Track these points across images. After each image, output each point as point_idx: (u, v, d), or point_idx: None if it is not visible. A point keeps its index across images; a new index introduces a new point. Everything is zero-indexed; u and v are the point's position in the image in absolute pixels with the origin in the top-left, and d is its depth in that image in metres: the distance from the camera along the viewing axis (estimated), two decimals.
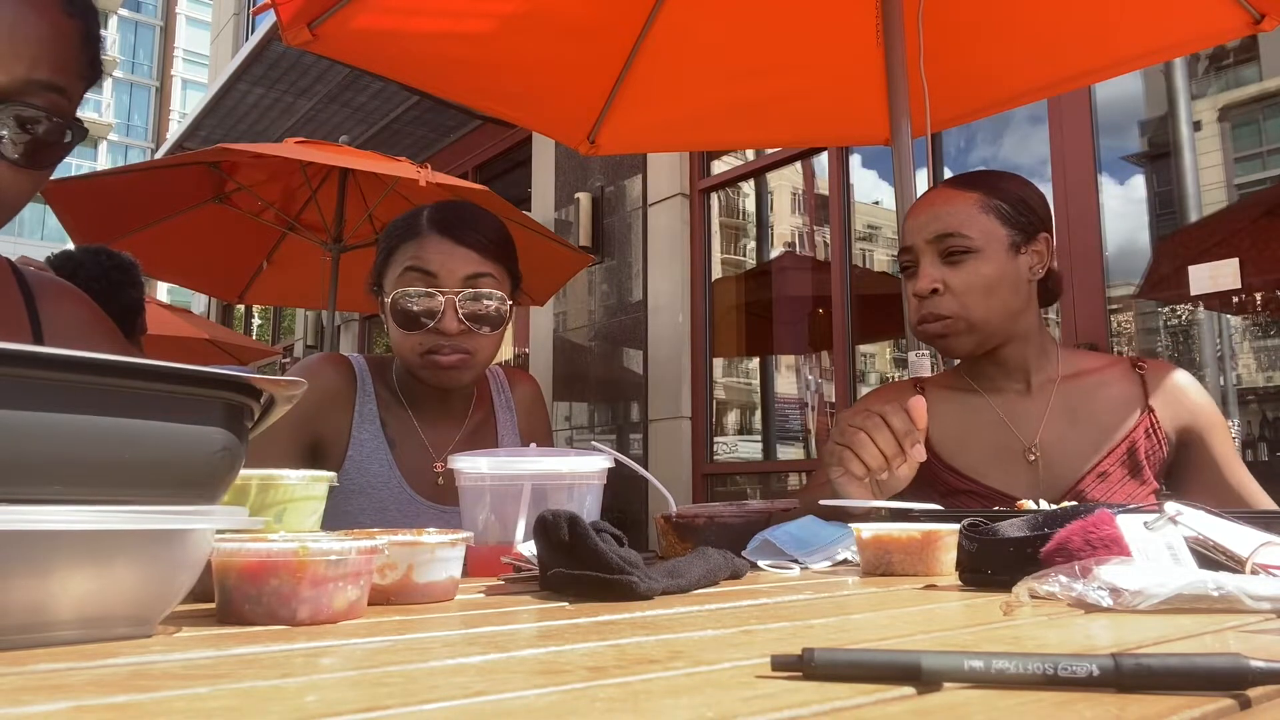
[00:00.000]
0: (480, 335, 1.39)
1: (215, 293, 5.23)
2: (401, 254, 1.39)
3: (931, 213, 1.46)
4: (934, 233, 1.44)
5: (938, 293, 1.43)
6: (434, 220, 1.40)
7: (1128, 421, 1.43)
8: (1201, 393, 1.47)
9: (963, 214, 1.43)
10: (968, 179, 1.50)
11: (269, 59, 6.24)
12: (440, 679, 0.42)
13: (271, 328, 10.44)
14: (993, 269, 1.42)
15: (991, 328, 1.43)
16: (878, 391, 1.69)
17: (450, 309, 1.36)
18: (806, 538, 1.10)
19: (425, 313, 1.36)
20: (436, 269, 1.37)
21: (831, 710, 0.37)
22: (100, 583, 0.49)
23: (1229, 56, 3.71)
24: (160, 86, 42.69)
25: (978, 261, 1.42)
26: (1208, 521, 0.78)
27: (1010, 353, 1.47)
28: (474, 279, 1.38)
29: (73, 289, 1.14)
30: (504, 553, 0.94)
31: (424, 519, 1.44)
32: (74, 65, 0.92)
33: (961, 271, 1.42)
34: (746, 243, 5.77)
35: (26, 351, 0.45)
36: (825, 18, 2.43)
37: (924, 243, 1.45)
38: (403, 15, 2.09)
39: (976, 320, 1.42)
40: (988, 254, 1.42)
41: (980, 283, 1.42)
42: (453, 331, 1.36)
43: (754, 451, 5.53)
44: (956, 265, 1.42)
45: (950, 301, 1.42)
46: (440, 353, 1.37)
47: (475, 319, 1.38)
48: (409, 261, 1.37)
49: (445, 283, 1.36)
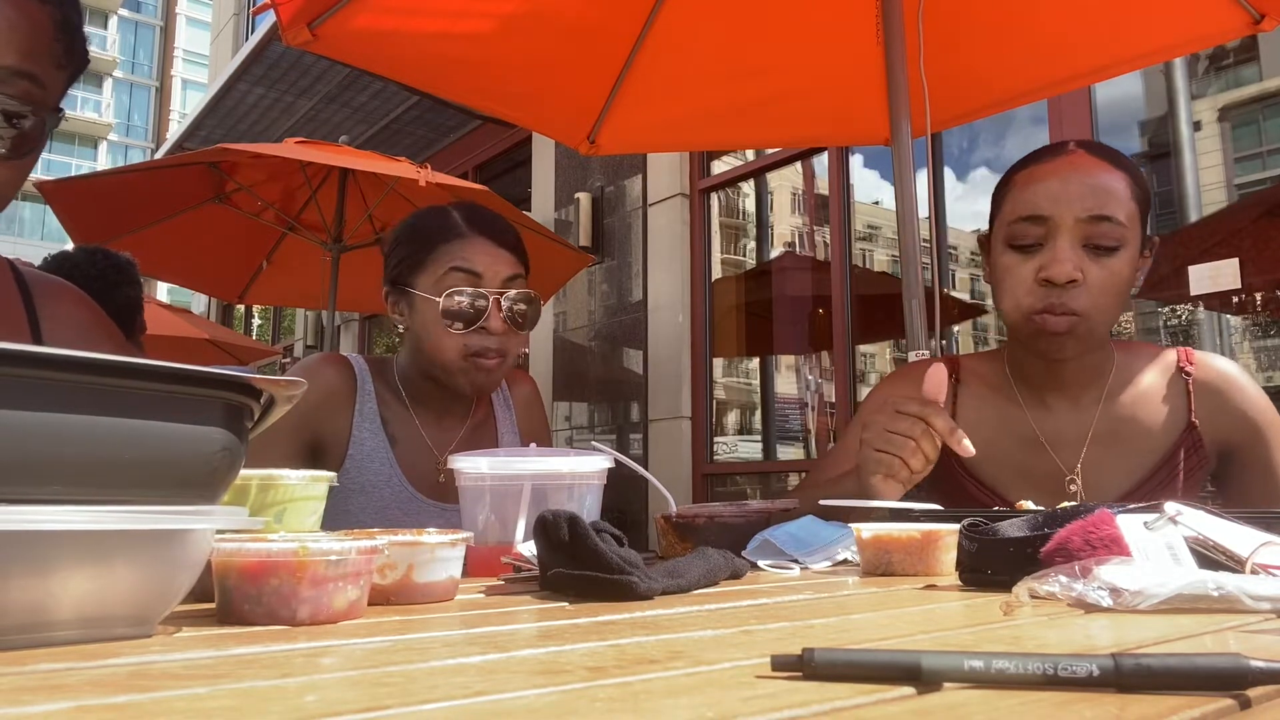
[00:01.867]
0: (515, 335, 1.42)
1: (215, 293, 5.23)
2: (443, 255, 1.40)
3: (1086, 183, 1.21)
4: (1088, 211, 1.20)
5: (1076, 284, 1.20)
6: (472, 222, 1.43)
7: (1170, 439, 1.30)
8: (1248, 394, 1.31)
9: (1119, 196, 1.21)
10: (1111, 153, 1.27)
11: (269, 59, 6.24)
12: (440, 679, 0.42)
13: (271, 328, 10.44)
14: (1129, 271, 1.22)
15: (1100, 335, 1.26)
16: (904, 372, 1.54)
17: (495, 309, 1.39)
18: (806, 538, 1.10)
19: (474, 313, 1.38)
20: (482, 270, 1.39)
21: (831, 710, 0.37)
22: (100, 583, 0.49)
23: (1229, 56, 3.71)
24: (160, 86, 42.70)
25: (1122, 259, 1.21)
26: (1208, 521, 0.78)
27: (1078, 365, 1.30)
28: (512, 280, 1.42)
29: (72, 289, 1.14)
30: (504, 553, 0.94)
31: (425, 517, 1.44)
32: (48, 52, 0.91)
33: (1105, 267, 1.20)
34: (746, 243, 5.77)
35: (26, 351, 0.45)
36: (825, 17, 2.42)
37: (1072, 219, 1.20)
38: (403, 15, 2.09)
39: (1096, 324, 1.23)
40: (1129, 250, 1.22)
41: (1117, 285, 1.21)
42: (499, 331, 1.39)
43: (754, 451, 5.53)
44: (1100, 257, 1.20)
45: (1085, 298, 1.20)
46: (486, 355, 1.39)
47: (516, 319, 1.41)
48: (455, 263, 1.39)
49: (490, 284, 1.39)
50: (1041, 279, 1.22)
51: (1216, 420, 1.31)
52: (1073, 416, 1.32)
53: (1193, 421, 1.31)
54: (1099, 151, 1.27)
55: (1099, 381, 1.33)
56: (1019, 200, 1.27)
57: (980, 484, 1.34)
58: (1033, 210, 1.24)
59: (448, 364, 1.41)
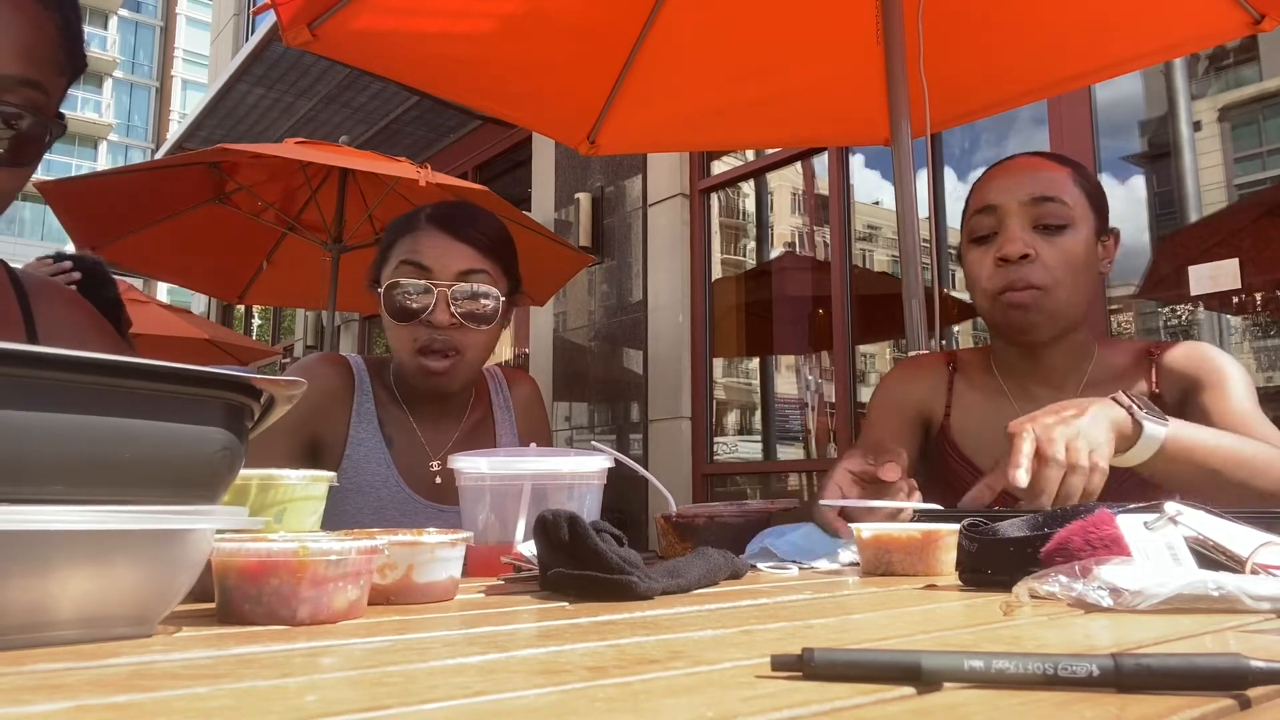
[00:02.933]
0: (471, 331, 1.39)
1: (215, 293, 5.23)
2: (398, 248, 1.41)
3: (1029, 175, 1.35)
4: (1030, 194, 1.32)
5: (1029, 259, 1.31)
6: (432, 216, 1.42)
7: None
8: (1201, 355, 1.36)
9: (1061, 182, 1.33)
10: (1052, 155, 1.42)
11: (269, 59, 6.23)
12: (440, 679, 0.42)
13: (271, 328, 10.44)
14: (1084, 249, 1.32)
15: (1069, 315, 1.33)
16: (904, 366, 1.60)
17: (442, 301, 1.36)
18: (809, 546, 1.10)
19: (417, 305, 1.36)
20: (430, 263, 1.37)
21: (831, 710, 0.37)
22: (100, 583, 0.49)
23: (1229, 56, 3.71)
24: (160, 86, 42.69)
25: (1073, 237, 1.31)
26: (1208, 521, 0.78)
27: (1056, 352, 1.38)
28: (468, 274, 1.38)
29: (68, 290, 1.15)
30: (504, 553, 0.94)
31: (422, 518, 1.44)
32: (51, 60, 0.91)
33: (1056, 244, 1.31)
34: (746, 243, 5.77)
35: (27, 351, 0.45)
36: (825, 18, 2.42)
37: (1016, 204, 1.33)
38: (403, 15, 2.09)
39: (1061, 302, 1.31)
40: (1080, 232, 1.32)
41: (1072, 260, 1.31)
42: (443, 324, 1.36)
43: (754, 451, 5.53)
44: (1050, 236, 1.31)
45: (1041, 272, 1.30)
46: (432, 347, 1.37)
47: (468, 315, 1.38)
48: (405, 255, 1.39)
49: (439, 276, 1.37)
50: (997, 259, 1.33)
51: (1174, 382, 1.37)
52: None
53: (1155, 392, 1.37)
54: (1047, 155, 1.42)
55: (1078, 371, 1.39)
56: (973, 201, 1.41)
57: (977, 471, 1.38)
58: (984, 203, 1.37)
59: (403, 361, 1.41)
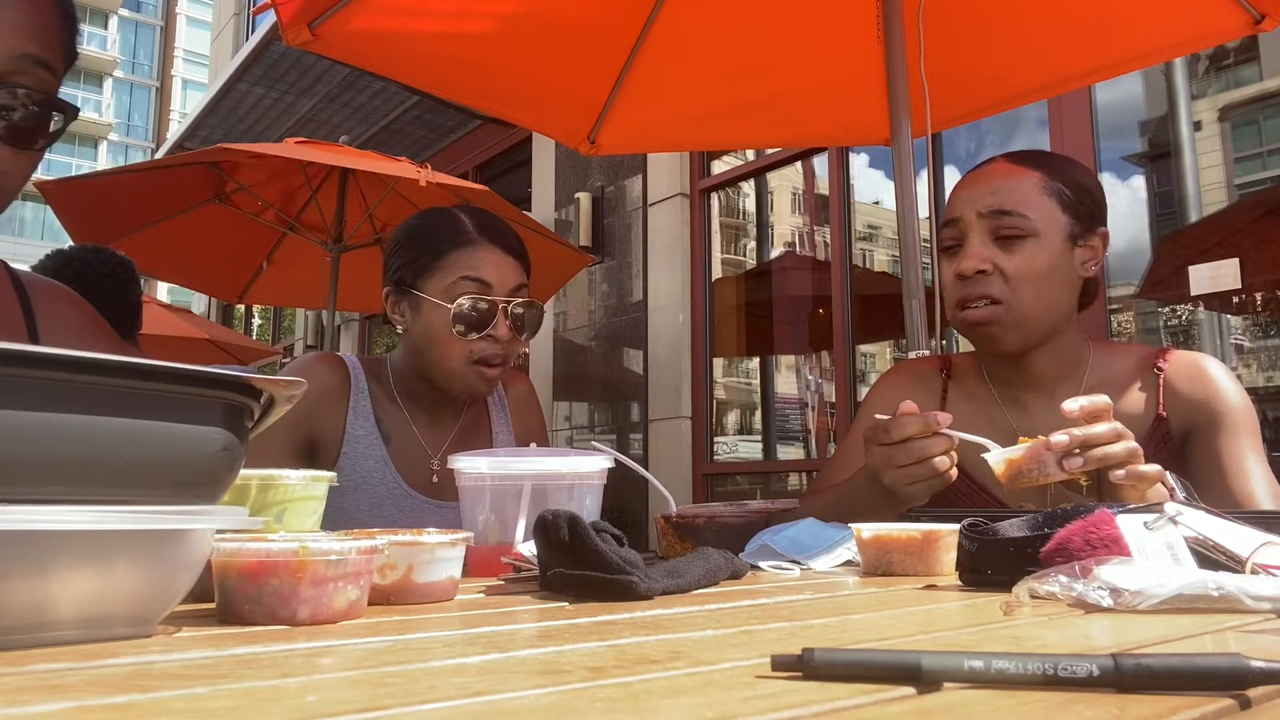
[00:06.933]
0: (520, 342, 1.46)
1: (215, 293, 5.23)
2: (454, 262, 1.42)
3: (989, 185, 1.33)
4: (989, 207, 1.30)
5: (986, 274, 1.29)
6: (483, 230, 1.45)
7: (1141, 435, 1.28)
8: (1215, 382, 1.32)
9: (1023, 192, 1.30)
10: (1029, 156, 1.37)
11: (269, 59, 6.23)
12: (440, 679, 0.42)
13: (271, 328, 10.44)
14: (1048, 258, 1.28)
15: (1037, 324, 1.30)
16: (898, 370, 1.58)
17: (503, 316, 1.42)
18: (809, 541, 1.10)
19: (483, 321, 1.41)
20: (491, 279, 1.42)
21: (831, 710, 0.37)
22: (100, 583, 0.49)
23: (1229, 56, 3.71)
24: (160, 86, 42.69)
25: (1035, 247, 1.28)
26: (1208, 521, 0.78)
27: (1041, 358, 1.34)
28: (519, 289, 1.45)
29: (67, 290, 1.14)
30: (504, 553, 0.94)
31: (420, 514, 1.45)
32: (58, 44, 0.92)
33: (1015, 256, 1.28)
34: (746, 243, 5.77)
35: (27, 352, 0.45)
36: (825, 18, 2.42)
37: (975, 216, 1.31)
38: (403, 15, 2.09)
39: (1025, 313, 1.29)
40: (1045, 240, 1.29)
41: (1033, 271, 1.28)
42: (505, 339, 1.43)
43: (754, 451, 5.53)
44: (1010, 248, 1.29)
45: (999, 285, 1.28)
46: (492, 361, 1.43)
47: (519, 326, 1.45)
48: (467, 271, 1.41)
49: (498, 292, 1.42)
50: (956, 274, 1.32)
51: (1181, 408, 1.32)
52: (1048, 415, 1.32)
53: (1161, 414, 1.32)
54: (1017, 158, 1.36)
55: (1072, 379, 1.35)
56: (946, 210, 1.39)
57: (969, 479, 1.36)
58: (948, 216, 1.36)
59: (452, 369, 1.43)
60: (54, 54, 0.91)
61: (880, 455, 1.13)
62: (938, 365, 1.52)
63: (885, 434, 1.13)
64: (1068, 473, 1.05)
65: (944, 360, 1.53)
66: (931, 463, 1.10)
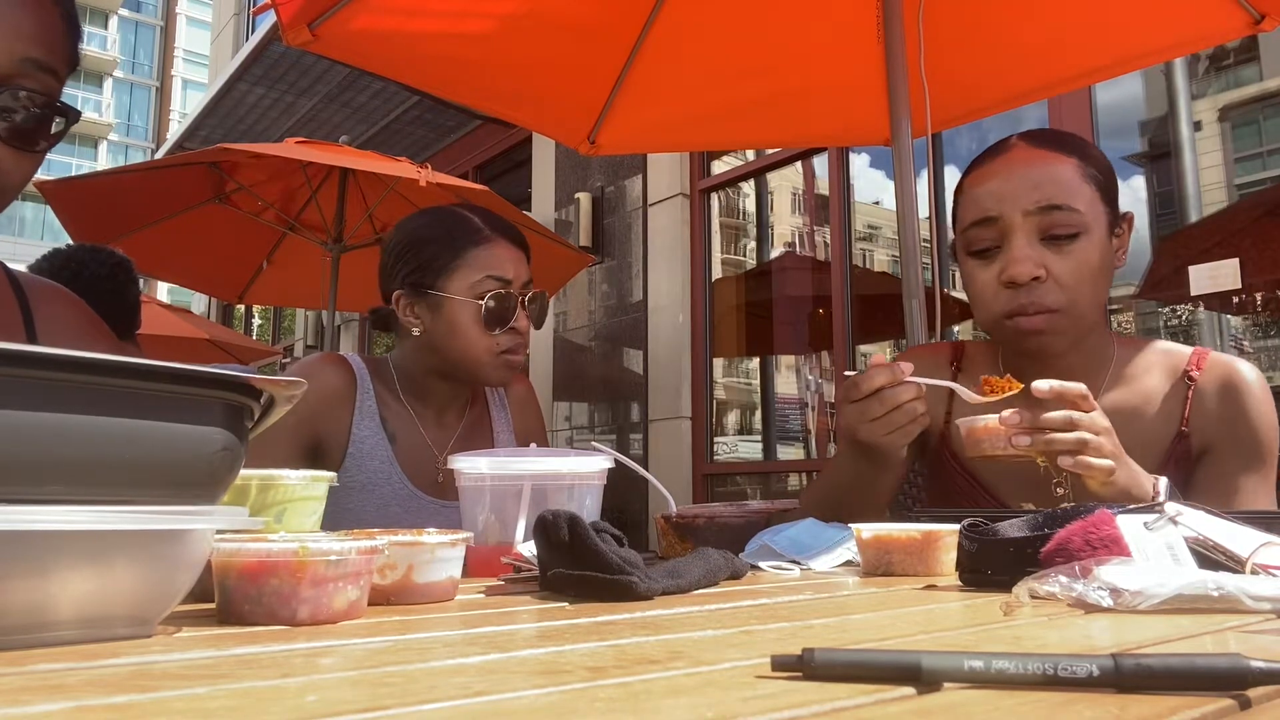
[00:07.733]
0: (533, 332, 1.53)
1: (215, 293, 5.23)
2: (475, 261, 1.46)
3: (1029, 177, 1.19)
4: (1036, 203, 1.17)
5: (1040, 280, 1.17)
6: (497, 228, 1.51)
7: (1158, 450, 1.24)
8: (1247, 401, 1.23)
9: (1066, 181, 1.18)
10: (1052, 138, 1.24)
11: (269, 59, 6.23)
12: (440, 679, 0.42)
13: (271, 328, 10.44)
14: (1100, 255, 1.17)
15: (1085, 325, 1.21)
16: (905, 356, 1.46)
17: (521, 310, 1.50)
18: (809, 541, 1.10)
19: (507, 315, 1.47)
20: (511, 275, 1.48)
21: (831, 710, 0.37)
22: (100, 583, 0.49)
23: (1229, 56, 3.71)
24: (160, 86, 42.67)
25: (1086, 244, 1.17)
26: (1208, 521, 0.78)
27: (1072, 356, 1.24)
28: (529, 281, 1.53)
29: (65, 291, 1.15)
30: (504, 553, 0.94)
31: (426, 514, 1.46)
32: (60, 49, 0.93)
33: (1069, 257, 1.17)
34: (746, 243, 5.77)
35: (27, 352, 0.45)
36: (825, 18, 2.42)
37: (1020, 215, 1.17)
38: (403, 15, 2.09)
39: (1079, 317, 1.19)
40: (1094, 235, 1.18)
41: (1090, 272, 1.17)
42: (525, 330, 1.51)
43: (754, 451, 5.53)
44: (1061, 248, 1.17)
45: (1055, 292, 1.17)
46: (516, 352, 1.50)
47: (535, 319, 1.53)
48: (490, 270, 1.46)
49: (516, 286, 1.49)
50: (1004, 281, 1.20)
51: (1206, 426, 1.24)
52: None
53: (1183, 430, 1.24)
54: (1042, 140, 1.24)
55: (1093, 378, 1.26)
56: (969, 206, 1.26)
57: (973, 480, 1.33)
58: (982, 213, 1.22)
59: (480, 363, 1.48)
60: (56, 58, 0.92)
61: (853, 412, 1.12)
62: (949, 356, 1.44)
63: (856, 389, 1.11)
64: (1015, 449, 1.05)
65: (956, 348, 1.44)
66: (905, 408, 1.10)
